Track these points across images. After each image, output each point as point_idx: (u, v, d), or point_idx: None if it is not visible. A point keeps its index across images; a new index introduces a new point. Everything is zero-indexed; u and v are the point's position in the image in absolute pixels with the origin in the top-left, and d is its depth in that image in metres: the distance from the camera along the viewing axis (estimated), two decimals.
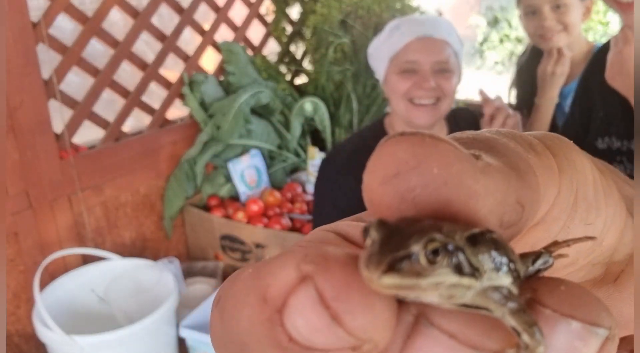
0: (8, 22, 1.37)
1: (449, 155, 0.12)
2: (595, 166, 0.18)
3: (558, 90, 1.71)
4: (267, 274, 0.12)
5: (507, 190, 0.13)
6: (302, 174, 2.13)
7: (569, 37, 1.68)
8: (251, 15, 2.15)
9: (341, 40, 2.08)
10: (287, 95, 2.16)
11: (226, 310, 0.13)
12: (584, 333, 0.12)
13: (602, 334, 0.12)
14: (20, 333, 1.53)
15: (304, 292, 0.11)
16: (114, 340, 1.24)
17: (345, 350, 0.11)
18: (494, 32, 2.72)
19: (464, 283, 0.11)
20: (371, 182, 0.13)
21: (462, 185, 0.12)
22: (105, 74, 1.65)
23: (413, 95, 1.29)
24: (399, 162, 0.12)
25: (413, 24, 1.33)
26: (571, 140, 0.18)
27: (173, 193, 1.87)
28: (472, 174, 0.12)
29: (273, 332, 0.12)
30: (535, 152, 0.15)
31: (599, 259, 0.18)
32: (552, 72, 1.68)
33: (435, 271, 0.11)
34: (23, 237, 1.48)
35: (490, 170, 0.13)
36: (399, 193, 0.12)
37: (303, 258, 0.12)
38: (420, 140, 0.12)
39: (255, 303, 0.12)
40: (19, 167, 1.45)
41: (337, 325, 0.11)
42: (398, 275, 0.11)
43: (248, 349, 0.13)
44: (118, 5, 1.66)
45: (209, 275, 1.81)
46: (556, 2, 1.65)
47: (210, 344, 1.21)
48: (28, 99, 1.45)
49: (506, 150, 0.14)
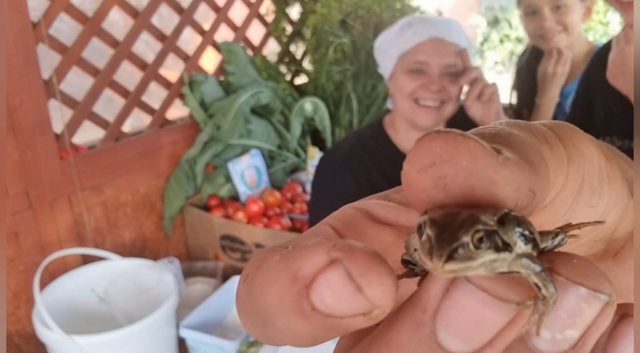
0: (8, 22, 1.37)
1: (476, 151, 0.15)
2: (602, 153, 0.20)
3: (559, 90, 1.71)
4: (298, 259, 0.15)
5: (522, 180, 0.15)
6: (302, 174, 2.13)
7: (569, 37, 1.68)
8: (251, 15, 2.15)
9: (341, 40, 2.08)
10: (287, 95, 2.16)
11: (254, 288, 0.16)
12: (589, 298, 0.15)
13: (604, 299, 0.15)
14: (20, 333, 1.53)
15: (335, 270, 0.14)
16: (114, 340, 1.24)
17: (358, 315, 0.15)
18: (494, 32, 2.72)
19: (502, 257, 0.14)
20: (410, 169, 0.16)
21: (485, 176, 0.15)
22: (105, 73, 1.65)
23: (419, 96, 1.29)
24: (435, 155, 0.15)
25: (426, 24, 1.31)
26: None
27: (173, 193, 1.87)
28: (493, 166, 0.15)
29: (299, 303, 0.15)
30: (549, 143, 0.18)
31: (601, 236, 0.21)
32: (553, 72, 1.68)
33: (482, 254, 0.14)
34: (23, 237, 1.48)
35: (508, 163, 0.15)
36: (433, 180, 0.15)
37: (332, 247, 0.15)
38: (453, 138, 0.15)
39: (285, 281, 0.15)
40: (19, 167, 1.45)
41: (360, 294, 0.14)
42: (455, 262, 0.14)
43: (272, 320, 0.16)
44: (118, 5, 1.66)
45: (209, 275, 1.81)
46: (556, 3, 1.65)
47: (209, 344, 1.22)
48: (28, 98, 1.45)
49: (523, 145, 0.16)
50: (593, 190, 0.19)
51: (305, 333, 0.15)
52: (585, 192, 0.19)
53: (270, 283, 0.15)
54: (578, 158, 0.18)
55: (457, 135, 0.15)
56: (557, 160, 0.17)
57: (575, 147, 0.18)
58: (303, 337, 0.16)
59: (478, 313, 0.14)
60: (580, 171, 0.18)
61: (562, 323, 0.15)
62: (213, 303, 1.55)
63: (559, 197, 0.18)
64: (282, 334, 0.16)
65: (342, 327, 0.15)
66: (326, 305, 0.15)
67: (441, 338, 0.15)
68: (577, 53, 1.68)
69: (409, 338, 0.15)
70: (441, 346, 0.15)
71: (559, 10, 1.65)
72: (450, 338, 0.15)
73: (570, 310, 0.15)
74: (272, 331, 0.16)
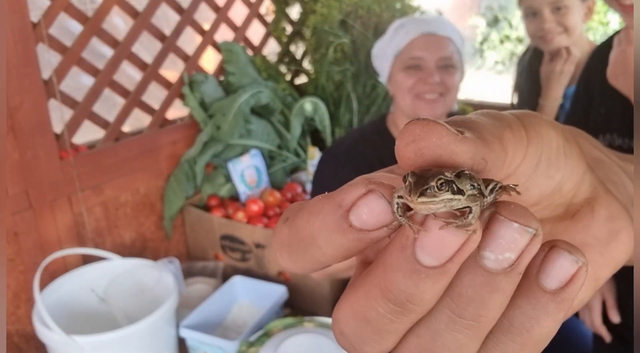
0: (8, 22, 1.37)
1: (442, 132, 0.21)
2: (562, 135, 0.26)
3: (562, 91, 1.71)
4: (341, 193, 0.22)
5: (475, 152, 0.22)
6: (302, 174, 2.13)
7: (570, 38, 1.68)
8: (251, 15, 2.15)
9: (341, 40, 2.08)
10: (287, 95, 2.16)
11: (299, 220, 0.23)
12: (521, 230, 0.21)
13: (531, 232, 0.21)
14: (20, 333, 1.53)
15: (373, 195, 0.22)
16: (114, 340, 1.24)
17: (382, 227, 0.22)
18: (493, 32, 2.72)
19: (456, 198, 0.21)
20: (399, 143, 0.22)
21: (448, 148, 0.21)
22: (105, 73, 1.65)
23: (418, 91, 1.32)
24: (415, 134, 0.22)
25: (417, 22, 1.35)
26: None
27: (173, 193, 1.87)
28: (454, 142, 0.21)
29: (340, 223, 0.22)
30: (511, 128, 0.24)
31: (560, 201, 0.28)
32: (561, 71, 1.68)
33: (442, 194, 0.21)
34: (23, 237, 1.48)
35: (466, 140, 0.22)
36: (414, 150, 0.21)
37: (368, 182, 0.22)
38: (427, 123, 0.22)
39: (331, 209, 0.22)
40: (19, 167, 1.45)
41: (390, 208, 0.21)
42: (425, 197, 0.20)
43: (314, 240, 0.22)
44: (118, 5, 1.66)
45: (209, 275, 1.81)
46: (556, 4, 1.65)
47: (209, 344, 1.21)
48: (28, 99, 1.45)
49: (483, 128, 0.23)
50: (550, 164, 0.26)
51: (343, 246, 0.22)
52: (542, 166, 0.26)
53: (317, 213, 0.22)
54: (537, 139, 0.25)
55: (431, 121, 0.22)
56: (516, 140, 0.24)
57: (536, 130, 0.25)
58: (340, 249, 0.22)
59: (442, 237, 0.21)
60: (539, 149, 0.25)
61: (502, 248, 0.21)
62: (213, 303, 1.56)
63: (520, 168, 0.25)
64: (322, 251, 0.23)
65: (370, 238, 0.22)
66: (362, 221, 0.22)
67: (419, 256, 0.21)
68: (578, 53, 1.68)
69: (397, 258, 0.21)
70: (418, 262, 0.21)
71: (559, 11, 1.65)
72: (424, 256, 0.21)
73: (507, 239, 0.21)
74: (312, 251, 0.23)
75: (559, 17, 1.66)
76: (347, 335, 0.23)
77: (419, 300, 0.21)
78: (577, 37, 1.69)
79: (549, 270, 0.22)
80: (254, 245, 1.77)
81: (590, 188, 0.28)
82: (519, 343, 0.23)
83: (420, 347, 0.23)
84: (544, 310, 0.22)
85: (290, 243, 0.23)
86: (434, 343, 0.22)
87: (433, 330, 0.22)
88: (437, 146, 0.21)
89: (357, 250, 0.22)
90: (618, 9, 0.91)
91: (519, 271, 0.21)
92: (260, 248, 1.76)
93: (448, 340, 0.22)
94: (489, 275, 0.21)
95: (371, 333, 0.22)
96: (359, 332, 0.23)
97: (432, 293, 0.21)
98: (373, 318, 0.22)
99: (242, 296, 1.67)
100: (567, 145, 0.26)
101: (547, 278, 0.22)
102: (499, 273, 0.21)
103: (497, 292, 0.21)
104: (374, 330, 0.22)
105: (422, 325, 0.22)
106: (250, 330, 1.41)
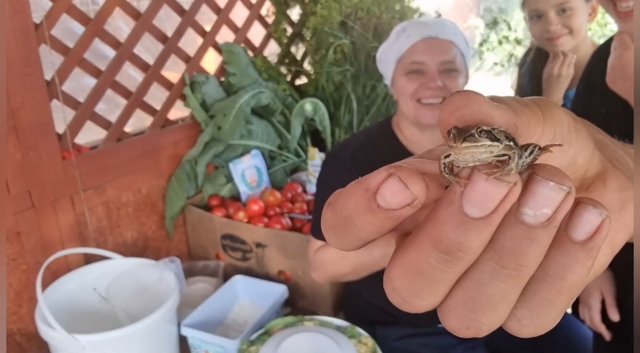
0: (10, 23, 1.38)
1: (481, 100, 0.25)
2: (571, 117, 0.30)
3: (563, 93, 1.70)
4: (368, 179, 0.25)
5: (508, 117, 0.25)
6: (302, 174, 2.14)
7: (575, 40, 1.67)
8: (252, 16, 2.16)
9: (341, 42, 2.09)
10: (288, 96, 2.17)
11: (338, 203, 0.26)
12: (556, 188, 0.24)
13: (565, 189, 0.24)
14: (23, 332, 1.54)
15: (392, 178, 0.24)
16: (115, 338, 1.25)
17: (405, 206, 0.24)
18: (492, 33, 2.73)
19: (494, 144, 0.24)
20: (443, 114, 0.25)
21: (487, 114, 0.24)
22: (107, 74, 1.66)
23: (421, 96, 1.30)
24: (456, 103, 0.25)
25: (419, 25, 1.33)
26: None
27: (174, 193, 1.88)
28: (491, 108, 0.25)
29: (369, 204, 0.24)
30: (529, 107, 0.27)
31: (575, 175, 0.31)
32: (558, 74, 1.67)
33: (482, 140, 0.23)
34: (25, 236, 1.49)
35: (500, 107, 0.25)
36: (457, 117, 0.24)
37: (389, 168, 0.25)
38: (467, 93, 0.25)
39: (360, 192, 0.25)
40: (22, 167, 1.46)
41: (407, 189, 0.24)
42: (467, 142, 0.23)
43: (352, 220, 0.25)
44: (120, 7, 1.67)
45: (210, 275, 1.82)
46: (561, 6, 1.64)
47: (210, 342, 1.22)
48: (30, 99, 1.46)
49: (511, 103, 0.26)
50: (563, 139, 0.29)
51: (375, 224, 0.25)
52: (557, 140, 0.29)
53: (351, 195, 0.25)
54: (550, 118, 0.28)
55: (470, 92, 0.25)
56: (535, 117, 0.27)
57: (550, 111, 0.28)
58: (374, 226, 0.25)
59: (486, 190, 0.23)
60: (553, 126, 0.28)
61: (540, 204, 0.24)
62: (214, 302, 1.56)
63: (539, 142, 0.28)
64: (359, 229, 0.25)
65: (397, 216, 0.24)
66: (386, 202, 0.24)
67: (466, 209, 0.23)
68: (582, 55, 1.66)
69: (446, 211, 0.24)
70: (465, 214, 0.23)
71: (565, 13, 1.64)
72: (470, 208, 0.23)
73: (545, 196, 0.24)
74: (351, 230, 0.26)
75: (565, 19, 1.65)
76: (400, 290, 0.26)
77: (466, 248, 0.23)
78: (582, 38, 1.69)
79: (577, 223, 0.25)
80: (255, 244, 1.78)
81: (599, 163, 0.31)
82: (555, 290, 0.25)
83: (467, 296, 0.25)
84: (574, 259, 0.25)
85: (333, 224, 0.26)
86: (479, 293, 0.25)
87: (478, 281, 0.25)
88: (477, 111, 0.24)
89: (389, 227, 0.25)
90: (614, 15, 0.92)
91: (555, 225, 0.24)
92: (261, 247, 1.77)
93: (492, 289, 0.24)
94: (528, 229, 0.24)
95: (423, 285, 0.25)
96: (411, 285, 0.25)
97: (478, 242, 0.24)
98: (425, 270, 0.24)
99: (242, 295, 1.67)
100: (576, 124, 0.30)
101: (576, 230, 0.25)
102: (537, 227, 0.24)
103: (536, 244, 0.24)
104: (426, 281, 0.25)
105: (468, 277, 0.25)
106: (251, 329, 1.41)
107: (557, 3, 1.64)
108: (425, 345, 1.42)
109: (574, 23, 1.65)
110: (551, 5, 1.64)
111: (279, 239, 1.72)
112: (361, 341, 1.29)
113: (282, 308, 1.63)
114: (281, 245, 1.72)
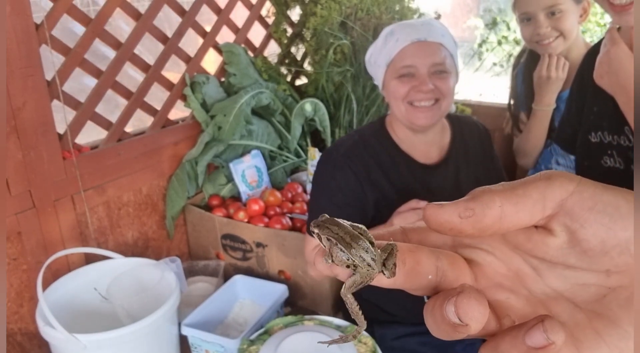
0: (11, 23, 1.39)
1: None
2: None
3: (555, 96, 1.69)
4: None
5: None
6: (302, 174, 2.14)
7: (566, 42, 1.67)
8: (252, 17, 2.17)
9: (341, 42, 2.10)
10: (288, 96, 2.17)
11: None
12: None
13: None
14: (23, 331, 1.54)
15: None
16: (116, 338, 1.26)
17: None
18: (492, 34, 2.74)
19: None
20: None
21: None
22: (108, 75, 1.67)
23: (412, 99, 1.32)
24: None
25: (407, 29, 1.34)
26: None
27: (175, 193, 1.89)
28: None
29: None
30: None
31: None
32: (548, 76, 1.67)
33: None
34: (26, 236, 1.49)
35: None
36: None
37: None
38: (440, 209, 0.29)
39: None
40: (23, 167, 1.46)
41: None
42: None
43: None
44: (120, 7, 1.68)
45: (210, 274, 1.82)
46: (551, 9, 1.63)
47: (211, 342, 1.22)
48: (31, 99, 1.46)
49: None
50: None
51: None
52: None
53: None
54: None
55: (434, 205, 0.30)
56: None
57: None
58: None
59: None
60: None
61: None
62: (214, 301, 1.57)
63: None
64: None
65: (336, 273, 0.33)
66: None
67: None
68: (575, 56, 1.66)
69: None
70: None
71: (554, 16, 1.64)
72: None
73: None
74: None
75: (554, 21, 1.64)
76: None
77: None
78: (573, 40, 1.68)
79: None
80: (255, 244, 1.78)
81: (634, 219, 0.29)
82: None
83: None
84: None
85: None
86: None
87: None
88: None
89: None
90: (608, 9, 0.92)
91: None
92: (261, 247, 1.77)
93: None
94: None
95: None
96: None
97: None
98: None
99: (243, 295, 1.68)
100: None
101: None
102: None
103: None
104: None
105: None
106: (251, 329, 1.42)
107: (547, 6, 1.63)
108: (423, 344, 1.43)
109: (564, 26, 1.64)
110: (541, 8, 1.63)
111: (279, 239, 1.73)
112: (361, 340, 1.30)
113: (282, 307, 1.64)
114: (281, 244, 1.72)
